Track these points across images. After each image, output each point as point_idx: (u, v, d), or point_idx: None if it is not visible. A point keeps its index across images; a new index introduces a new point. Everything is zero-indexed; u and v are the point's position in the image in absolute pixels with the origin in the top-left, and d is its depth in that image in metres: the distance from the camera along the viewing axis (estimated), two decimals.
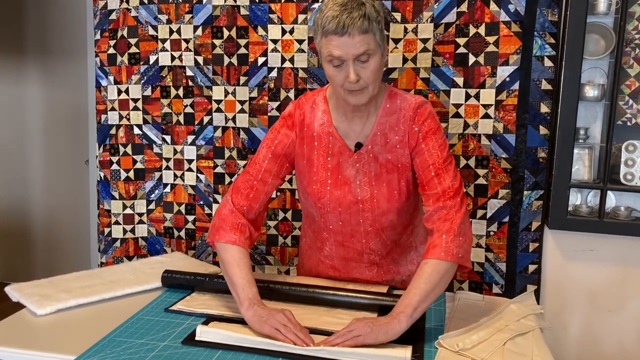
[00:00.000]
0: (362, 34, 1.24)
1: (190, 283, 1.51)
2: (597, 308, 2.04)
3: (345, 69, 1.28)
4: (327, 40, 1.27)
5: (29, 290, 1.46)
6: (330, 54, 1.27)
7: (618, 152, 1.96)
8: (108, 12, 2.28)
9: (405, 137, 1.41)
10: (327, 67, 1.31)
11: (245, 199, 1.45)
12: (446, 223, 1.32)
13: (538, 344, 1.24)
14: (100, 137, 2.36)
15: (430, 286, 1.26)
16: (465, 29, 1.97)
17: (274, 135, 1.48)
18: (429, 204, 1.37)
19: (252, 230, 1.44)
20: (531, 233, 2.01)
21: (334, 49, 1.26)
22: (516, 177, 1.99)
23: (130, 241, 2.38)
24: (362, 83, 1.29)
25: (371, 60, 1.28)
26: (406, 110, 1.41)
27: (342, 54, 1.26)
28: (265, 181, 1.46)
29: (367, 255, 1.54)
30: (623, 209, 1.98)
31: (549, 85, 1.93)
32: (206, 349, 1.17)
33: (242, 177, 1.49)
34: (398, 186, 1.44)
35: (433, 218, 1.35)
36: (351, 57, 1.26)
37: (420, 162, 1.40)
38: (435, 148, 1.39)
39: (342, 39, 1.24)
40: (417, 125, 1.40)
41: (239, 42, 2.17)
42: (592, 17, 1.92)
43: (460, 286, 2.09)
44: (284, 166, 1.48)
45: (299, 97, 1.53)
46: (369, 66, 1.28)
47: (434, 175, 1.38)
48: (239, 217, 1.42)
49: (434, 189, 1.37)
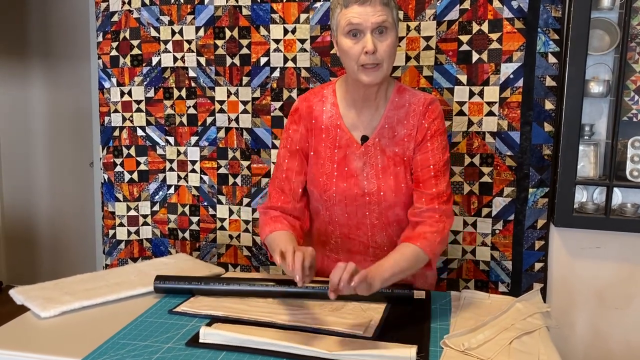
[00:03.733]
0: (382, 4, 1.29)
1: (184, 291, 1.48)
2: (604, 305, 2.03)
3: (363, 40, 1.30)
4: (348, 10, 1.30)
5: (33, 293, 1.46)
6: (350, 22, 1.29)
7: (624, 148, 1.94)
8: (110, 14, 2.28)
9: (413, 131, 1.43)
10: (343, 41, 1.33)
11: (276, 201, 1.50)
12: (439, 225, 1.38)
13: (544, 343, 1.22)
14: (104, 139, 2.36)
15: (406, 266, 1.31)
16: (468, 26, 1.95)
17: (286, 134, 1.52)
18: (421, 202, 1.41)
19: (291, 220, 1.47)
20: (537, 231, 2.00)
21: (354, 16, 1.29)
22: (521, 174, 1.98)
23: (134, 243, 2.38)
24: (377, 57, 1.31)
25: (388, 34, 1.31)
26: (416, 105, 1.43)
27: (361, 21, 1.29)
28: (290, 179, 1.50)
29: (372, 249, 1.54)
30: (630, 206, 1.96)
31: (553, 82, 1.92)
32: (210, 350, 1.17)
33: (271, 183, 1.54)
34: (405, 179, 1.45)
35: (424, 215, 1.40)
36: (370, 26, 1.29)
37: (421, 160, 1.43)
38: (438, 149, 1.43)
39: (363, 8, 1.28)
40: (427, 122, 1.43)
41: (241, 42, 2.17)
42: (596, 12, 1.90)
43: (466, 285, 2.08)
44: (303, 161, 1.51)
45: (306, 91, 1.55)
46: (386, 40, 1.31)
47: (433, 176, 1.41)
48: (273, 213, 1.48)
49: (430, 189, 1.41)
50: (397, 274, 1.29)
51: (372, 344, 1.18)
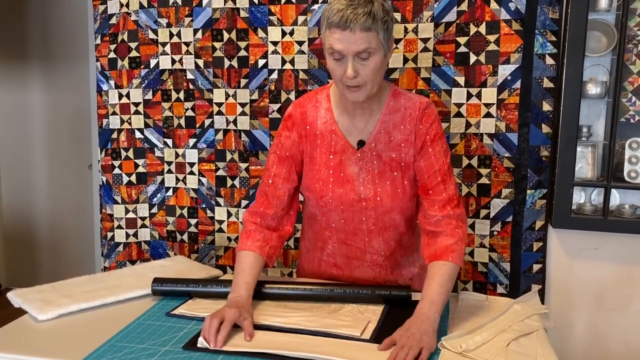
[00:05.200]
0: (364, 31, 1.24)
1: (183, 293, 1.49)
2: (602, 307, 2.03)
3: (345, 63, 1.28)
4: (330, 32, 1.27)
5: (31, 296, 1.45)
6: (332, 47, 1.27)
7: (621, 149, 1.94)
8: (108, 16, 2.28)
9: (411, 136, 1.41)
10: (328, 60, 1.32)
11: (259, 206, 1.50)
12: (459, 232, 1.39)
13: (542, 345, 1.22)
14: (102, 141, 2.36)
15: (450, 287, 1.33)
16: (466, 28, 1.96)
17: (277, 140, 1.50)
18: (435, 210, 1.40)
19: (266, 234, 1.47)
20: (535, 232, 2.00)
21: (335, 42, 1.26)
22: (519, 176, 1.98)
23: (133, 245, 2.38)
24: (359, 80, 1.29)
25: (371, 58, 1.28)
26: (412, 109, 1.41)
27: (342, 49, 1.26)
28: (276, 185, 1.48)
29: (369, 254, 1.53)
30: (627, 207, 1.97)
31: (550, 83, 1.92)
32: (207, 354, 1.17)
33: (259, 188, 1.53)
34: (402, 185, 1.44)
35: (441, 223, 1.39)
36: (351, 53, 1.26)
37: (426, 167, 1.41)
38: (440, 153, 1.42)
39: (344, 33, 1.24)
40: (425, 126, 1.41)
41: (239, 44, 2.17)
42: (593, 14, 1.91)
43: (464, 286, 2.08)
44: (292, 167, 1.49)
45: (300, 97, 1.54)
46: (369, 64, 1.28)
47: (440, 181, 1.41)
48: (249, 226, 1.48)
49: (440, 195, 1.40)
50: (445, 298, 1.31)
51: (369, 347, 1.18)
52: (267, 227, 1.48)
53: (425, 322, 1.23)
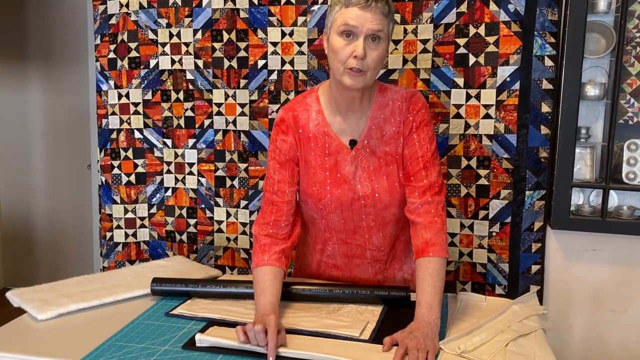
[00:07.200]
0: (381, 14, 1.29)
1: (182, 293, 1.49)
2: (600, 308, 2.03)
3: (355, 43, 1.29)
4: (348, 10, 1.29)
5: (30, 296, 1.46)
6: (346, 23, 1.29)
7: (620, 151, 1.95)
8: (108, 16, 2.29)
9: (400, 127, 1.43)
10: (335, 39, 1.32)
11: (269, 215, 1.46)
12: (437, 219, 1.38)
13: (540, 345, 1.23)
14: (102, 141, 2.36)
15: (441, 283, 1.33)
16: (465, 29, 1.96)
17: (273, 145, 1.49)
18: (414, 196, 1.41)
19: (281, 245, 1.44)
20: (533, 233, 2.00)
21: (352, 18, 1.28)
22: (518, 177, 1.99)
23: (132, 245, 2.38)
24: (364, 64, 1.30)
25: (380, 44, 1.31)
26: (399, 101, 1.43)
27: (358, 25, 1.28)
28: (283, 191, 1.47)
29: (370, 251, 1.54)
30: (626, 208, 1.97)
31: (549, 85, 1.92)
32: (207, 353, 1.17)
33: (263, 198, 1.50)
34: (398, 177, 1.45)
35: (419, 211, 1.39)
36: (365, 31, 1.28)
37: (409, 153, 1.43)
38: (425, 140, 1.43)
39: (362, 12, 1.28)
40: (412, 114, 1.43)
41: (238, 45, 2.18)
42: (592, 15, 1.91)
43: (463, 287, 2.08)
44: (294, 170, 1.48)
45: (288, 102, 1.53)
46: (377, 49, 1.31)
47: (422, 167, 1.41)
48: (262, 240, 1.44)
49: (421, 182, 1.41)
50: (441, 297, 1.32)
51: (368, 347, 1.19)
52: (281, 237, 1.45)
53: (427, 326, 1.23)
